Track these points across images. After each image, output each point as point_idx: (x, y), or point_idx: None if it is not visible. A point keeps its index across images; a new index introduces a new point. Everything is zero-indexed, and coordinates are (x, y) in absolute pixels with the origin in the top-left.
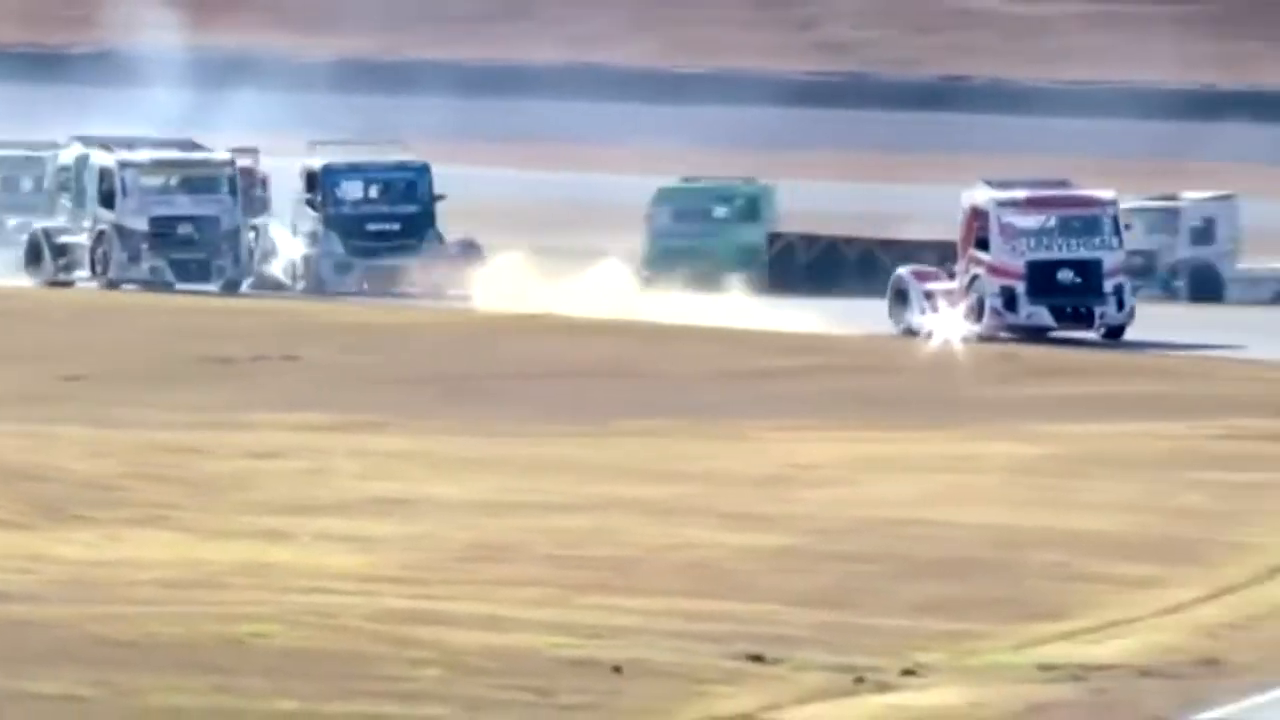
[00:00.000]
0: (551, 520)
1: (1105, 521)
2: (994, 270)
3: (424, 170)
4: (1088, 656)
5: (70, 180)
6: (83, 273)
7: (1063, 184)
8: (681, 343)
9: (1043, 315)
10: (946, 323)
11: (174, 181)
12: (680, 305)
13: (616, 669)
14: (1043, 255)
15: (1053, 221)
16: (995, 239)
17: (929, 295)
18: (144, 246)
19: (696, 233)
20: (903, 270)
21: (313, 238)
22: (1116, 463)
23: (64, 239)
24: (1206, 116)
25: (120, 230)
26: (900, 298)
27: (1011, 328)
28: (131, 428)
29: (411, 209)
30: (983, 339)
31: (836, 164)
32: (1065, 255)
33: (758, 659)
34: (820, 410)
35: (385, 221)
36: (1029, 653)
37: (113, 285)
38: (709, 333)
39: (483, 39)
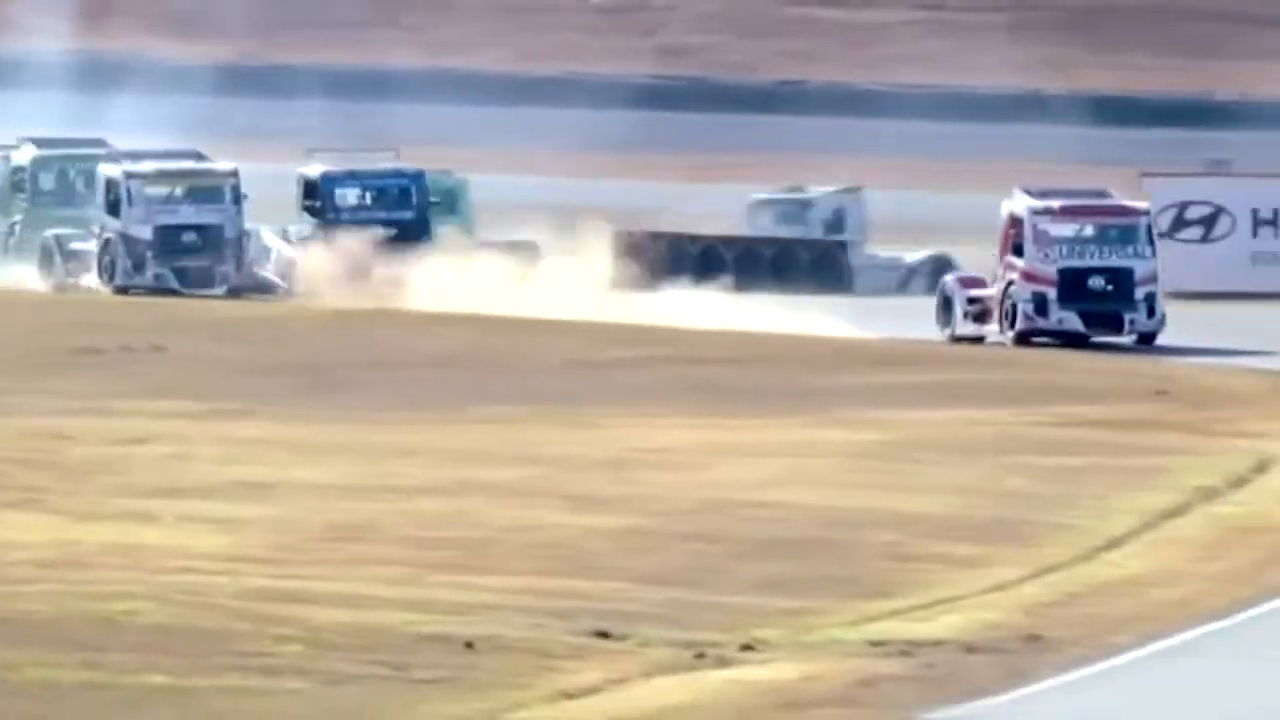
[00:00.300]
0: (408, 503)
1: (935, 504)
2: (1027, 276)
3: (419, 177)
4: (917, 633)
5: (25, 180)
6: (91, 278)
7: (1100, 194)
8: (534, 334)
9: (1073, 320)
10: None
11: (178, 191)
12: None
13: (469, 645)
14: (1075, 262)
15: (1086, 230)
16: (1029, 246)
17: (972, 301)
18: (149, 254)
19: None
20: (948, 278)
21: (313, 243)
22: (946, 448)
23: (74, 245)
24: (1030, 119)
25: (126, 238)
26: (946, 305)
27: (1043, 332)
28: (3, 415)
29: (407, 215)
30: (1016, 343)
31: (679, 164)
32: (1097, 263)
33: (604, 635)
34: (665, 399)
35: (382, 226)
36: (861, 629)
37: (120, 291)
38: (559, 325)
39: (348, 45)
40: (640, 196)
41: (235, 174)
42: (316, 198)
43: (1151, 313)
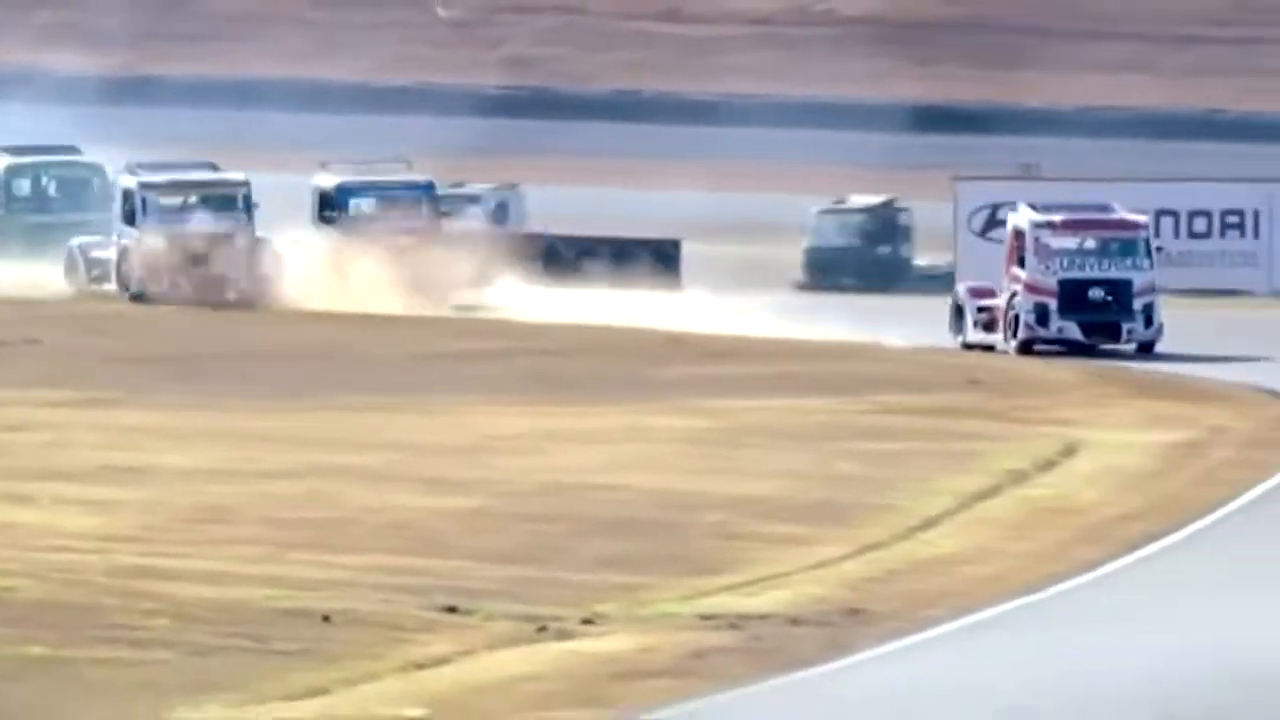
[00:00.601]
0: (269, 486)
1: (764, 487)
2: (1030, 287)
3: (429, 187)
4: (745, 607)
5: (0, 189)
6: (111, 285)
7: (1104, 208)
8: (390, 328)
9: (1072, 329)
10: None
11: (192, 201)
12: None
13: (326, 618)
14: (1075, 274)
15: (1087, 243)
16: (1031, 258)
17: (981, 310)
18: (165, 263)
19: None
20: (960, 287)
21: (328, 250)
22: (774, 434)
23: (97, 253)
24: (854, 126)
25: (142, 247)
26: (959, 314)
27: (1044, 340)
28: None
29: (420, 222)
30: (1019, 352)
31: (523, 168)
32: (1096, 274)
33: (452, 610)
34: (511, 388)
35: (396, 234)
36: (693, 604)
37: (136, 298)
38: (416, 320)
39: (213, 56)
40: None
41: (246, 184)
42: (333, 208)
43: (1149, 322)
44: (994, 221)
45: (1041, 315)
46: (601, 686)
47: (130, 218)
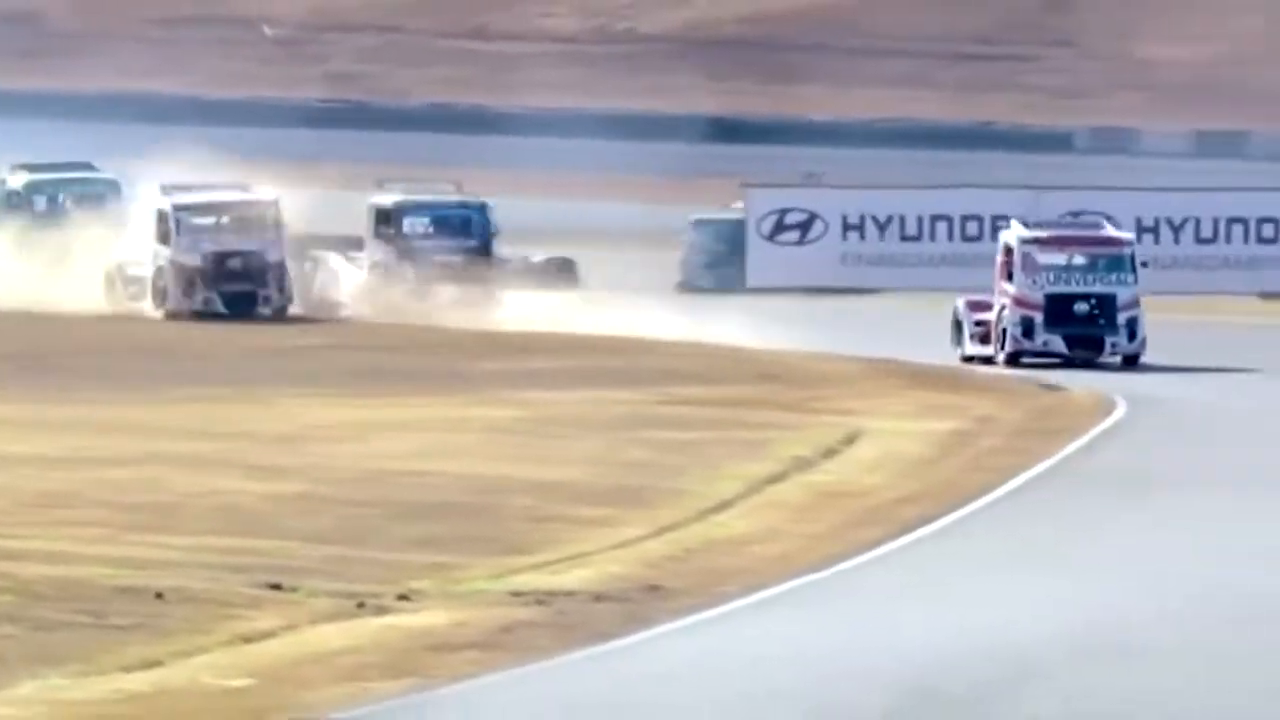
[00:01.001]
0: (107, 473)
1: (568, 473)
2: (1017, 301)
3: (483, 209)
4: (551, 584)
5: (21, 203)
6: (146, 303)
7: (1096, 225)
8: (224, 327)
9: (1057, 343)
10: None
11: (223, 221)
12: None
13: (159, 595)
14: (1060, 289)
15: (1073, 259)
16: (1019, 273)
17: (978, 324)
18: (198, 280)
19: None
20: (959, 301)
21: (385, 267)
22: (577, 424)
23: (134, 271)
24: (649, 137)
25: (176, 265)
26: (958, 327)
27: (1030, 353)
28: None
29: (472, 242)
30: (1007, 364)
31: (344, 176)
32: (1081, 289)
33: (277, 587)
34: (334, 382)
35: (448, 254)
36: (503, 581)
37: (171, 316)
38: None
39: (51, 71)
40: (310, 203)
41: (276, 203)
42: (389, 225)
43: (1133, 336)
44: (781, 226)
45: (1028, 329)
46: (416, 658)
47: (164, 238)
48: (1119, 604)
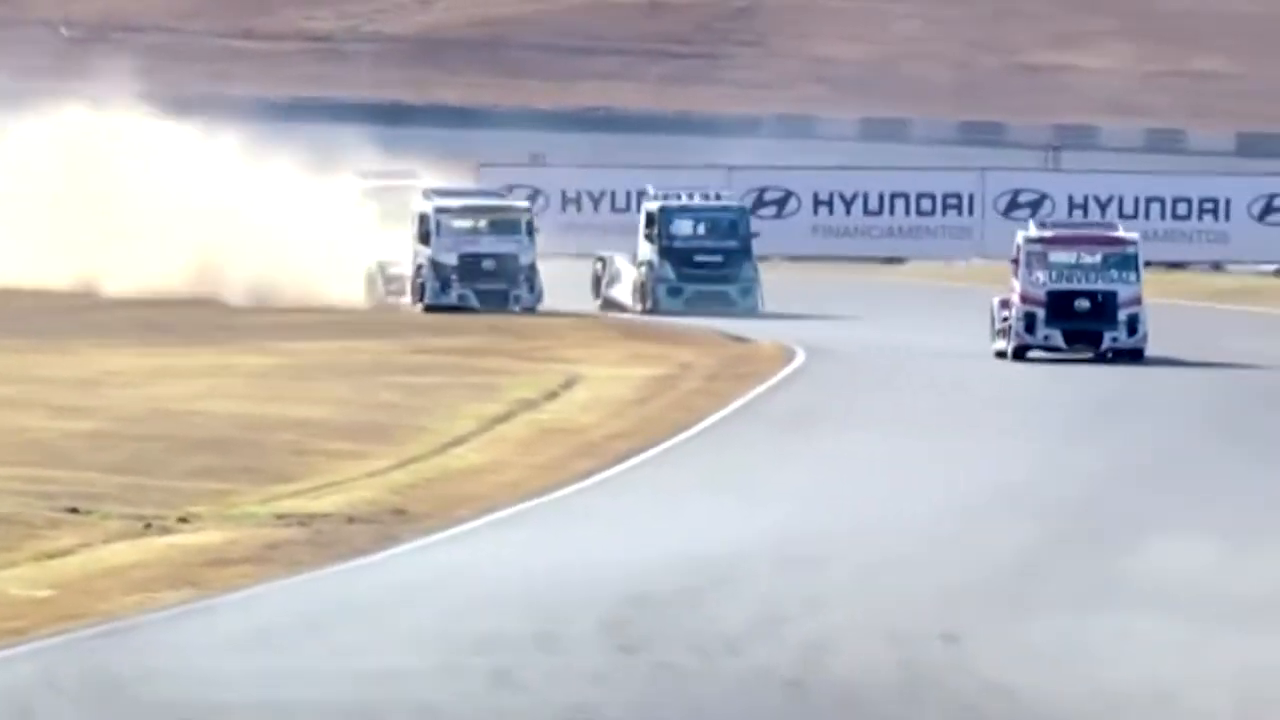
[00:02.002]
0: None
1: (325, 412)
2: (1023, 298)
3: (744, 212)
4: (311, 508)
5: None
6: (406, 299)
7: (1107, 226)
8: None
9: (1056, 338)
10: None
11: (481, 224)
12: None
13: None
14: (1063, 286)
15: (1076, 257)
16: (1023, 271)
17: (1004, 319)
18: (453, 277)
19: None
20: (994, 299)
21: (650, 266)
22: (333, 370)
23: (393, 270)
24: (392, 124)
25: (435, 264)
26: (991, 322)
27: (1033, 346)
28: None
29: (732, 244)
30: (1014, 358)
31: None
32: (1083, 286)
33: (75, 511)
34: (127, 334)
35: (709, 254)
36: (269, 506)
37: (429, 310)
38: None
39: None
40: None
41: (529, 210)
42: (655, 227)
43: (1132, 331)
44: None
45: (1030, 323)
46: (196, 571)
47: (425, 238)
48: (801, 524)
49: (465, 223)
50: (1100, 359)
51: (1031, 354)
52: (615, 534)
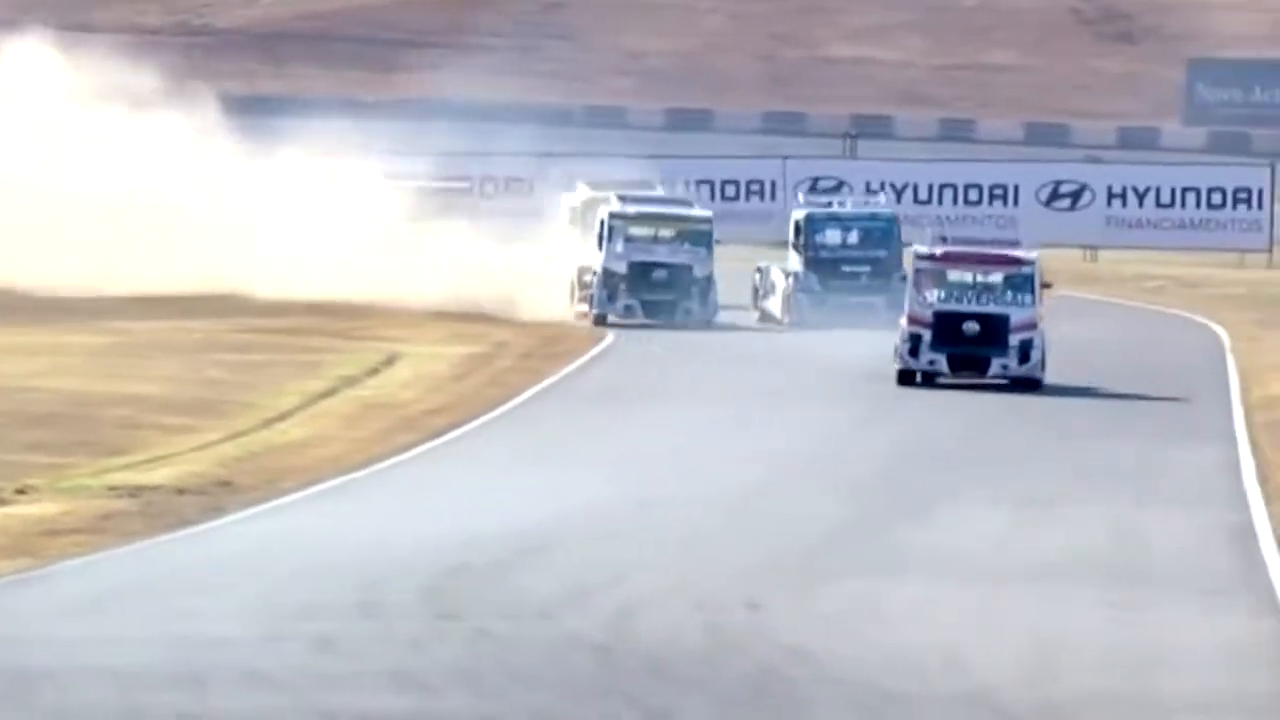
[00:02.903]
0: None
1: (155, 388)
2: (910, 319)
3: (893, 220)
4: (142, 480)
5: (577, 218)
6: (583, 306)
7: (1014, 244)
8: None
9: (940, 363)
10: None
11: (661, 233)
12: None
13: None
14: (951, 307)
15: (969, 277)
16: (912, 290)
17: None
18: (622, 286)
19: None
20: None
21: (795, 277)
22: (163, 348)
23: (588, 277)
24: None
25: (606, 272)
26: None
27: (918, 371)
28: None
29: (881, 253)
30: (900, 383)
31: None
32: (972, 309)
33: None
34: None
35: (857, 264)
36: (102, 478)
37: (599, 321)
38: None
39: None
40: None
41: (709, 220)
42: (801, 236)
43: (1025, 359)
44: None
45: (914, 346)
46: (33, 540)
47: (600, 244)
48: (611, 494)
49: (641, 230)
50: (1025, 389)
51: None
52: (434, 506)
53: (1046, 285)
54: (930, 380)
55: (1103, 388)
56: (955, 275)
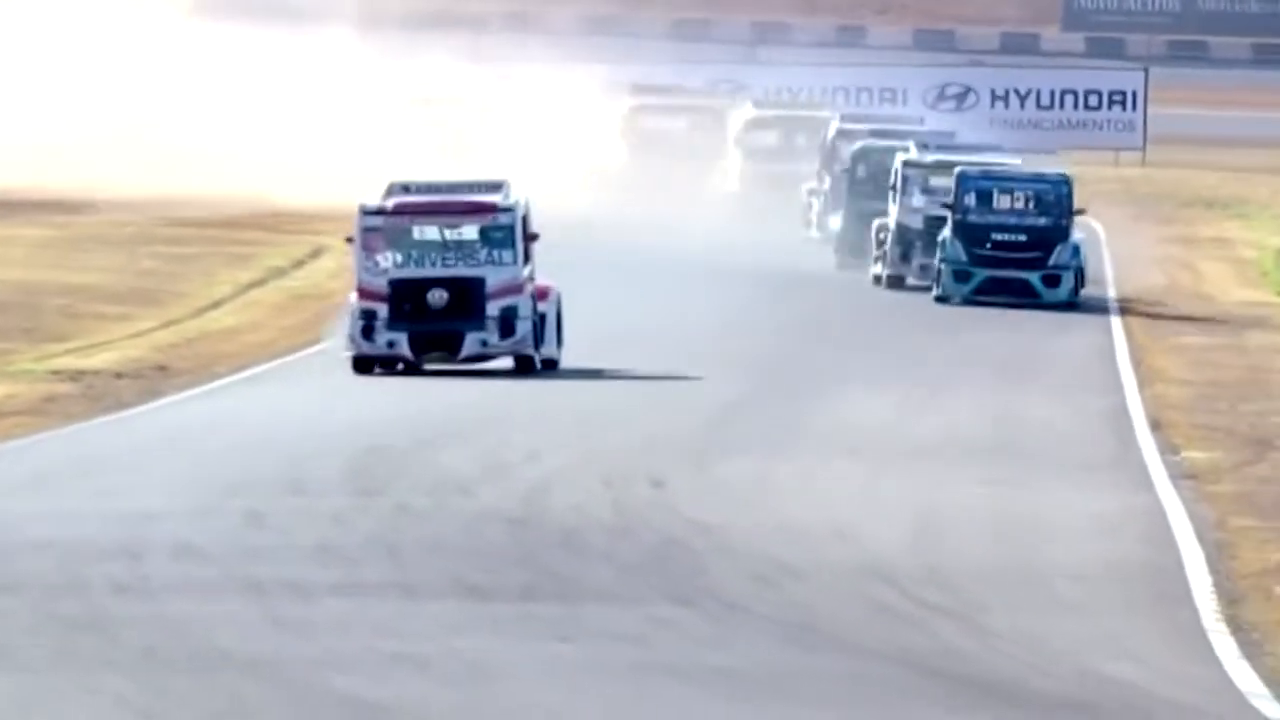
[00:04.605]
0: None
1: (94, 279)
2: (361, 292)
3: (1064, 181)
4: (84, 365)
5: (827, 155)
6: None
7: (492, 187)
8: None
9: (401, 344)
10: None
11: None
12: None
13: None
14: (410, 273)
15: (429, 234)
16: (359, 253)
17: None
18: (917, 245)
19: None
20: None
21: (941, 245)
22: (102, 241)
23: (883, 235)
24: None
25: (899, 228)
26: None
27: (376, 358)
28: None
29: (1041, 221)
30: (357, 370)
31: None
32: (437, 273)
33: None
34: None
35: (1011, 233)
36: (45, 363)
37: (894, 282)
38: None
39: None
40: None
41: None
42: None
43: (509, 331)
44: None
45: (368, 326)
46: None
47: (892, 195)
48: (522, 379)
49: (942, 182)
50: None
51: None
52: (357, 391)
53: (533, 237)
54: (391, 366)
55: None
56: (413, 231)
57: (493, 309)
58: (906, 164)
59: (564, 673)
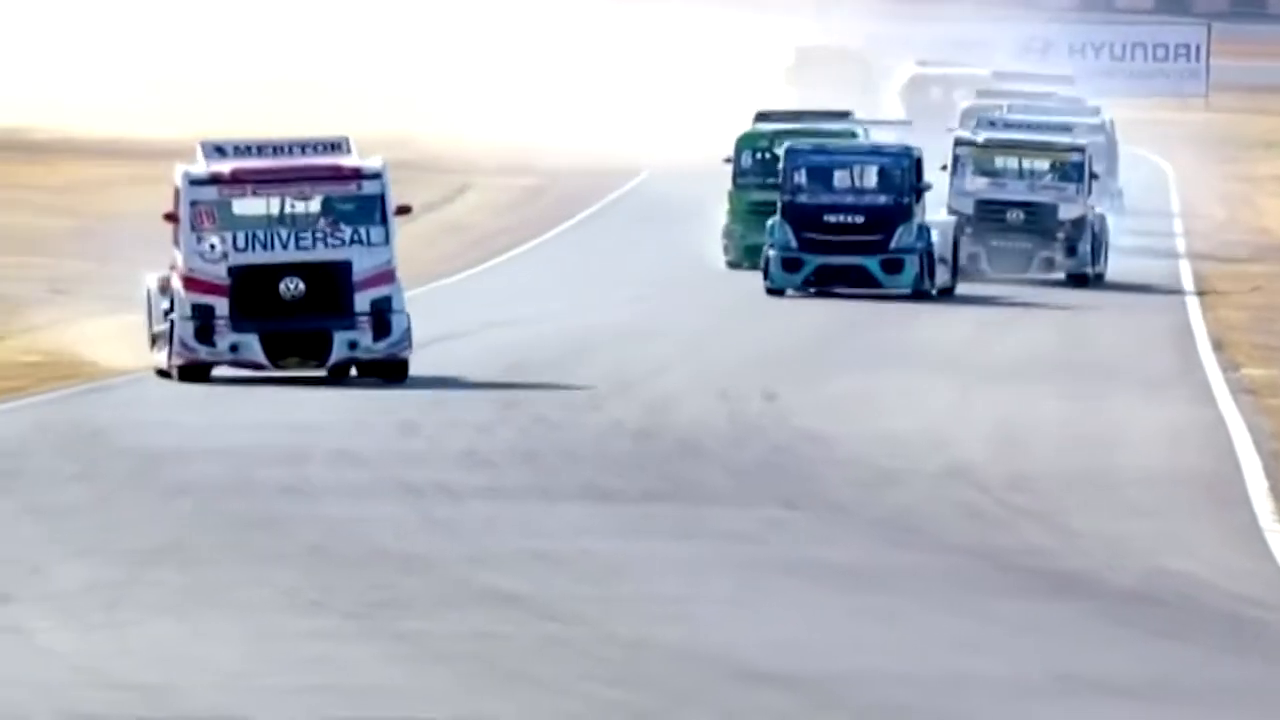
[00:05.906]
0: None
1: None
2: (188, 283)
3: (907, 156)
4: None
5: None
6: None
7: (334, 145)
8: None
9: (253, 348)
10: None
11: (1021, 165)
12: None
13: None
14: (256, 258)
15: (275, 207)
16: (186, 235)
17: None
18: (966, 229)
19: None
20: (151, 281)
21: (769, 230)
22: None
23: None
24: None
25: (951, 211)
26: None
27: (215, 363)
28: None
29: (883, 200)
30: (181, 377)
31: None
32: (290, 257)
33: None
34: None
35: (846, 214)
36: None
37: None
38: None
39: None
40: None
41: (1081, 150)
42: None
43: (384, 329)
44: None
45: (205, 326)
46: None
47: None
48: (645, 304)
49: (997, 161)
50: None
51: None
52: (495, 313)
53: (404, 209)
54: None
55: None
56: (257, 205)
57: (362, 301)
58: (959, 142)
59: (685, 568)
